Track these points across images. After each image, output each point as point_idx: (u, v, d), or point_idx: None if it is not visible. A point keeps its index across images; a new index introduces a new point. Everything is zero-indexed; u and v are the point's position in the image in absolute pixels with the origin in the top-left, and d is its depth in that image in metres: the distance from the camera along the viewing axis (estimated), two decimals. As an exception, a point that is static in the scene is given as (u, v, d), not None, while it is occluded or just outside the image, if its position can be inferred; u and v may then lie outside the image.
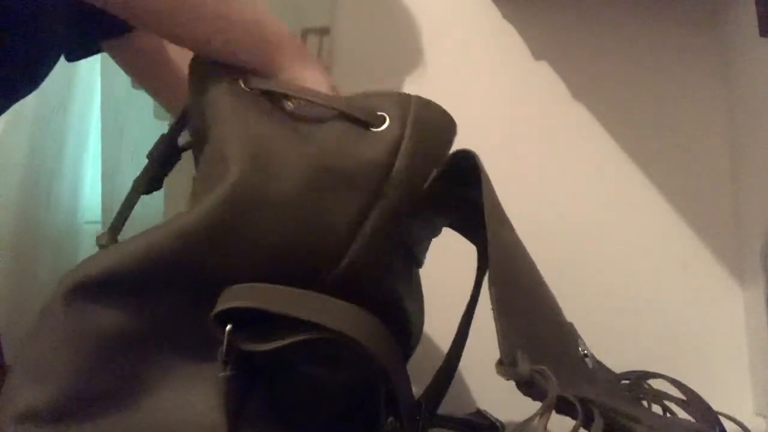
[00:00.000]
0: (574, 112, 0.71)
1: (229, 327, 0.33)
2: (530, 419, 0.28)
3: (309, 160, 0.37)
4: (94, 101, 0.83)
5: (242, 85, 0.39)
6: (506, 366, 0.31)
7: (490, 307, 0.33)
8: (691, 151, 0.69)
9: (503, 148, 0.71)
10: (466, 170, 0.38)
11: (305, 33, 0.71)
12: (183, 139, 0.45)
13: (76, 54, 0.62)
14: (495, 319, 0.32)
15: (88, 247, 0.81)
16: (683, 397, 0.38)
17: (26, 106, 0.77)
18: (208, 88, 0.39)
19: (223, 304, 0.33)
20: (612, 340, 0.66)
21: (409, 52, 0.75)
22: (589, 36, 0.72)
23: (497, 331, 0.32)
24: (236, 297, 0.33)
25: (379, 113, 0.39)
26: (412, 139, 0.38)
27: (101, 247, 0.40)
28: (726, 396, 0.64)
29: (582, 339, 0.40)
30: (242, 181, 0.34)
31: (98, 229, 0.80)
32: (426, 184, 0.38)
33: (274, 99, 0.40)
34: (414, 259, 0.44)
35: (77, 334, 0.33)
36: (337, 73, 0.73)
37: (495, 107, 0.73)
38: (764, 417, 0.62)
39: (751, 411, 0.64)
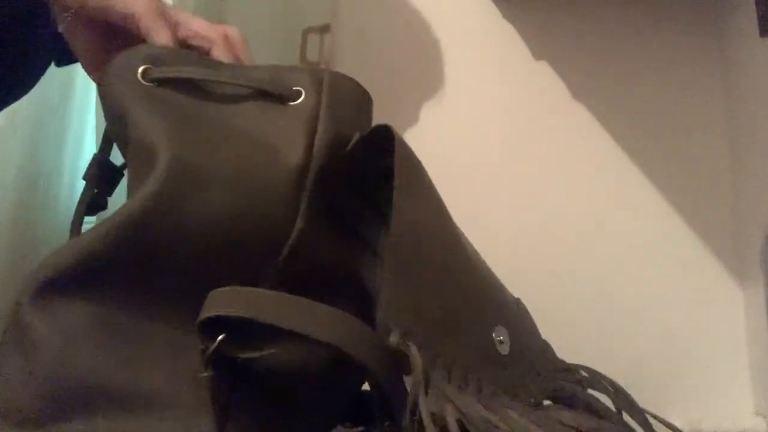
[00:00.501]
0: (574, 112, 0.71)
1: (222, 336, 0.32)
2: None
3: (236, 138, 0.37)
4: (92, 102, 0.82)
5: (140, 80, 0.38)
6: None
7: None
8: (691, 151, 0.69)
9: (503, 148, 0.71)
10: (387, 143, 0.38)
11: (306, 32, 0.71)
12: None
13: (63, 59, 0.62)
14: (381, 288, 0.32)
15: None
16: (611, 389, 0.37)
17: (24, 106, 0.77)
18: (110, 94, 0.39)
19: (209, 311, 0.33)
20: (611, 340, 0.66)
21: (409, 51, 0.75)
22: (589, 36, 0.72)
23: (379, 301, 0.32)
24: (223, 304, 0.33)
25: (294, 88, 0.40)
26: (329, 106, 0.40)
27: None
28: (726, 396, 0.64)
29: (506, 326, 0.38)
30: (176, 160, 0.34)
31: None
32: (349, 147, 0.40)
33: (178, 84, 0.39)
34: (367, 244, 0.43)
35: (49, 333, 0.33)
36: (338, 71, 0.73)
37: (495, 107, 0.73)
38: (764, 417, 0.62)
39: (751, 411, 0.64)
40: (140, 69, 0.39)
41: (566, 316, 0.65)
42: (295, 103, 0.40)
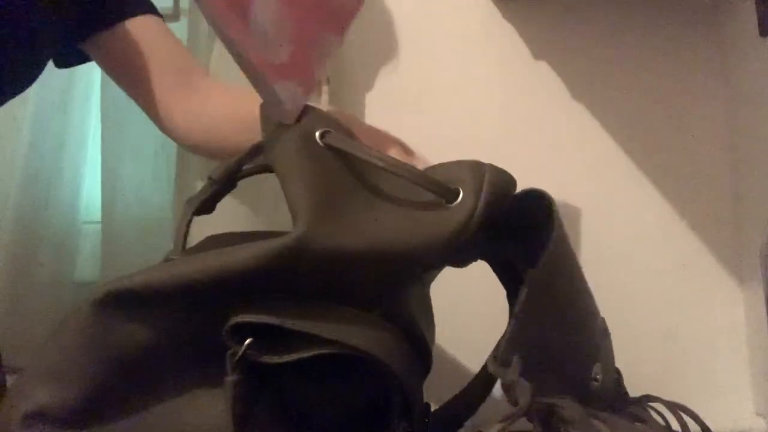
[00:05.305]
0: (574, 112, 0.71)
1: (249, 341, 0.33)
2: (492, 425, 0.29)
3: (378, 229, 0.37)
4: (94, 101, 0.82)
5: (318, 139, 0.39)
6: (498, 365, 0.32)
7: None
8: (691, 151, 0.69)
9: (503, 148, 0.71)
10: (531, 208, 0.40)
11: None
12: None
13: (63, 60, 0.62)
14: (512, 317, 0.33)
15: (87, 247, 0.81)
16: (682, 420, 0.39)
17: (26, 106, 0.77)
18: (282, 134, 0.39)
19: (239, 316, 0.33)
20: (611, 341, 0.66)
21: (408, 52, 0.75)
22: (589, 36, 0.72)
23: (507, 329, 0.33)
24: (253, 309, 0.34)
25: (453, 187, 0.39)
26: (484, 211, 0.38)
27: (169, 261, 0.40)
28: (726, 396, 0.64)
29: (603, 364, 0.40)
30: (306, 239, 0.34)
31: (97, 228, 0.80)
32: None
33: (345, 158, 0.39)
34: (422, 283, 0.45)
35: (101, 342, 0.33)
36: (339, 73, 0.73)
37: (495, 107, 0.73)
38: (764, 417, 0.62)
39: (751, 411, 0.64)
40: (320, 130, 0.39)
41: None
42: (452, 205, 0.38)
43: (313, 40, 0.41)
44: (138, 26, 0.59)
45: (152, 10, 0.61)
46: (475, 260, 0.45)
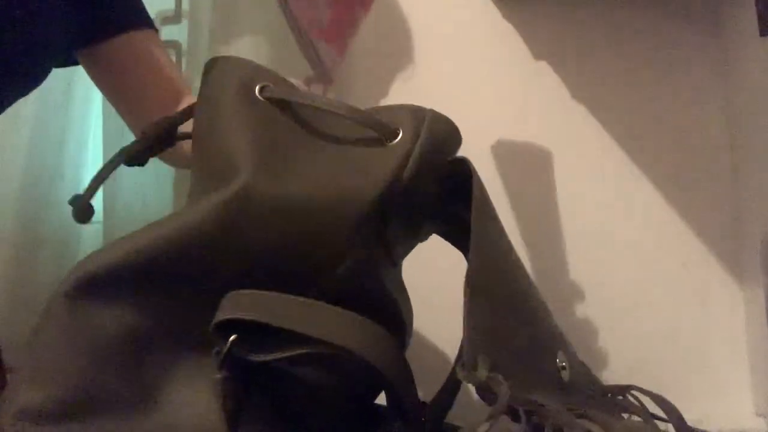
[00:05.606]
0: (574, 112, 0.71)
1: (233, 337, 0.33)
2: (477, 425, 0.29)
3: (322, 169, 0.37)
4: (94, 101, 0.83)
5: (257, 94, 0.39)
6: (466, 370, 0.32)
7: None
8: (691, 151, 0.69)
9: (502, 148, 0.71)
10: (460, 176, 0.39)
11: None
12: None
13: (61, 61, 0.62)
14: (464, 320, 0.33)
15: (88, 248, 0.82)
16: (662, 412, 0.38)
17: (26, 106, 0.77)
18: (221, 90, 0.39)
19: (225, 313, 0.33)
20: (612, 340, 0.66)
21: (408, 52, 0.75)
22: (589, 36, 0.72)
23: (464, 334, 0.33)
24: (238, 307, 0.33)
25: (393, 127, 0.39)
26: (422, 153, 0.38)
27: (73, 205, 0.42)
28: (726, 396, 0.64)
29: (564, 351, 0.39)
30: (250, 186, 0.35)
31: (99, 229, 0.80)
32: (426, 197, 0.39)
33: (286, 108, 0.40)
34: (391, 259, 0.44)
35: (80, 333, 0.33)
36: (339, 74, 0.73)
37: (494, 107, 0.73)
38: (764, 417, 0.62)
39: (751, 411, 0.64)
40: (259, 84, 0.39)
41: (565, 316, 0.65)
42: (392, 142, 0.39)
43: (347, 10, 0.43)
44: (136, 40, 0.59)
45: (151, 24, 0.61)
46: (431, 230, 0.45)
